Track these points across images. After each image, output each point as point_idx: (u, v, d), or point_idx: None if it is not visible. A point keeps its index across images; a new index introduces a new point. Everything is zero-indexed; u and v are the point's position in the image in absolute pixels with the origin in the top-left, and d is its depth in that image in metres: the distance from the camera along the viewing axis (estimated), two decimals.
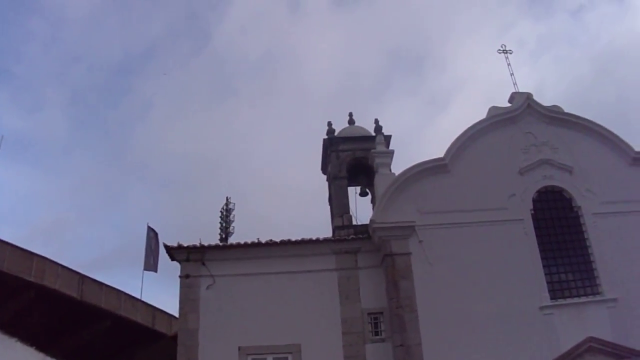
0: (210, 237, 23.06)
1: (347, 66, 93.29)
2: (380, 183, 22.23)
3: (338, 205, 24.98)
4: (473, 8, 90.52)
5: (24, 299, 28.97)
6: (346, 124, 27.44)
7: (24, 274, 28.51)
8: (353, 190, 26.20)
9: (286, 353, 19.99)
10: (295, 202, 77.60)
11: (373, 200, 25.27)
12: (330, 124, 26.72)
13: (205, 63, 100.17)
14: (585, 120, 23.75)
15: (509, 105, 24.01)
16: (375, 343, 20.26)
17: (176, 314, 22.01)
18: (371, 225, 21.25)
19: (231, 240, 24.55)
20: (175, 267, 21.20)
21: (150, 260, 36.00)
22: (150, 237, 36.76)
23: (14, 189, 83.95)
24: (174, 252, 21.07)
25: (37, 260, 29.58)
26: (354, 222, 24.42)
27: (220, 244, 22.87)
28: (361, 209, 25.55)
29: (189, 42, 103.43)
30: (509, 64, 25.02)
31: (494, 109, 23.75)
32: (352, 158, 25.74)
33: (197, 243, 21.12)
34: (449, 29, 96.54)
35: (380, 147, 23.56)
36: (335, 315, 20.48)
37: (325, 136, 26.64)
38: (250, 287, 20.78)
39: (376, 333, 20.51)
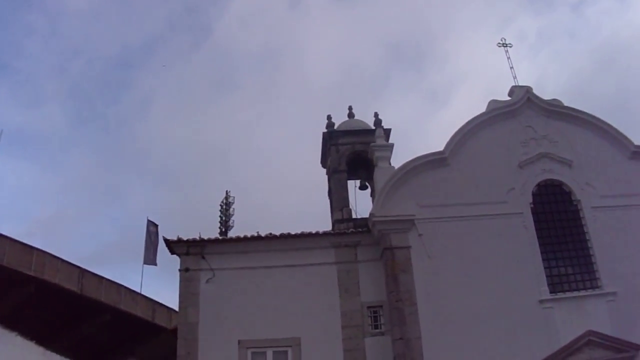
0: (210, 231, 23.09)
1: (348, 60, 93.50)
2: (379, 176, 22.22)
3: (338, 198, 24.97)
4: (473, 2, 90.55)
5: (24, 293, 28.99)
6: (346, 118, 27.43)
7: (24, 268, 28.52)
8: (353, 184, 26.23)
9: (286, 346, 19.98)
10: (295, 196, 77.73)
11: (372, 194, 25.28)
12: (329, 117, 26.71)
13: (206, 57, 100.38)
14: (584, 114, 23.72)
15: (508, 98, 23.97)
16: (375, 336, 20.26)
17: (176, 308, 22.01)
18: (371, 219, 21.24)
19: (231, 233, 24.53)
20: (175, 261, 21.22)
21: (150, 254, 36.07)
22: (150, 231, 36.82)
23: (13, 183, 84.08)
24: (173, 246, 21.04)
25: (37, 254, 29.58)
26: (354, 216, 24.41)
27: (220, 237, 22.82)
28: (361, 203, 25.56)
29: (189, 36, 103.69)
30: (508, 58, 24.96)
31: (493, 102, 23.72)
32: (352, 151, 25.72)
33: (197, 237, 21.10)
34: (450, 23, 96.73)
35: (380, 141, 23.53)
36: (334, 308, 20.48)
37: (325, 130, 26.63)
38: (250, 281, 20.78)
39: (376, 326, 20.50)
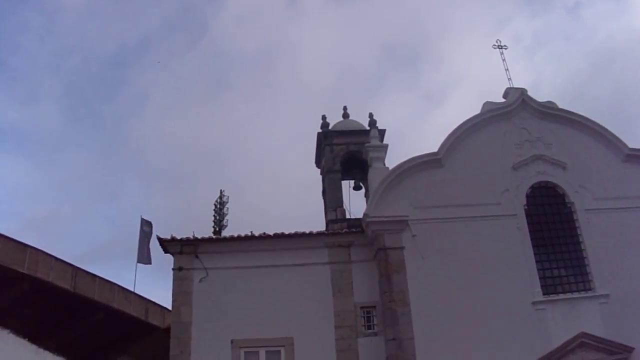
0: (204, 230, 23.12)
1: (343, 61, 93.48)
2: (374, 177, 22.23)
3: (332, 198, 24.98)
4: (470, 3, 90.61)
5: (17, 290, 28.85)
6: (341, 118, 27.44)
7: (17, 266, 28.38)
8: (347, 184, 26.24)
9: (279, 346, 19.98)
10: (289, 196, 77.62)
11: (367, 194, 25.27)
12: (324, 117, 26.71)
13: (201, 56, 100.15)
14: (579, 116, 23.76)
15: (503, 100, 23.99)
16: (368, 337, 20.27)
17: (169, 307, 21.95)
18: (364, 219, 21.25)
19: (225, 233, 24.59)
20: (168, 260, 21.21)
21: (143, 253, 36.01)
22: (144, 230, 36.76)
23: (7, 181, 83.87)
24: (167, 245, 21.03)
25: (31, 252, 29.46)
26: (348, 216, 24.43)
27: (214, 236, 22.85)
28: (355, 203, 25.69)
29: (185, 35, 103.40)
30: (503, 60, 24.99)
31: (488, 104, 23.75)
32: (346, 152, 25.74)
33: (191, 236, 21.09)
34: (446, 24, 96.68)
35: (375, 141, 23.56)
36: (328, 308, 20.48)
37: (320, 130, 26.63)
38: (243, 280, 20.77)
39: (369, 327, 20.52)
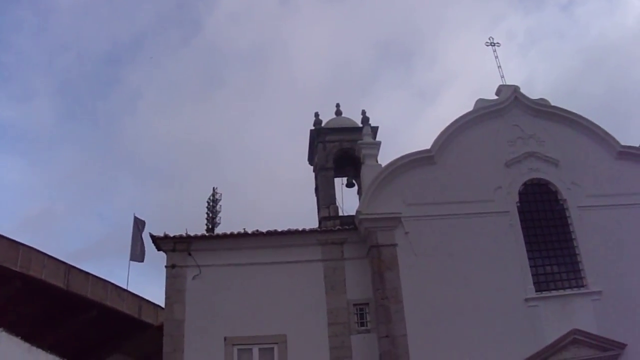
0: (197, 228, 23.09)
1: (337, 58, 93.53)
2: (366, 174, 22.21)
3: (324, 196, 24.95)
4: (463, 1, 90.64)
5: (9, 289, 28.86)
6: (333, 115, 27.42)
7: (9, 264, 28.40)
8: (339, 181, 26.20)
9: (272, 344, 19.95)
10: (282, 193, 77.64)
11: (359, 192, 25.25)
12: (317, 114, 26.64)
13: (195, 53, 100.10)
14: (572, 113, 23.81)
15: (496, 97, 24.00)
16: (361, 334, 20.29)
17: (162, 304, 21.99)
18: (357, 217, 21.24)
19: (218, 230, 24.60)
20: (161, 258, 21.17)
21: (136, 251, 35.98)
22: (137, 227, 36.72)
23: (1, 179, 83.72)
24: (160, 242, 20.98)
25: (23, 250, 29.47)
26: (340, 213, 24.38)
27: (207, 234, 22.83)
28: (347, 200, 25.59)
29: (178, 32, 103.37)
30: (496, 57, 25.04)
31: (480, 101, 23.77)
32: (339, 149, 25.69)
33: (184, 233, 21.06)
34: (439, 21, 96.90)
35: (367, 139, 23.56)
36: (321, 306, 20.49)
37: (312, 127, 26.61)
38: (236, 278, 20.74)
39: (362, 324, 20.52)
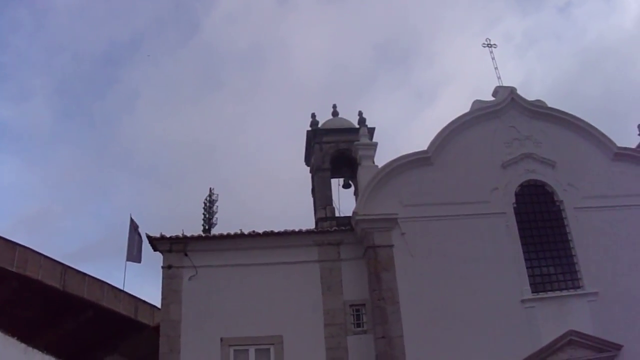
0: (194, 228, 23.08)
1: (335, 59, 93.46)
2: (363, 175, 22.20)
3: (321, 197, 24.96)
4: (461, 2, 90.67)
5: (6, 289, 28.85)
6: (330, 116, 27.41)
7: (6, 265, 28.38)
8: (336, 182, 26.21)
9: (268, 344, 19.95)
10: (278, 194, 77.60)
11: (356, 192, 25.27)
12: (313, 115, 26.65)
13: (193, 54, 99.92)
14: (568, 115, 23.82)
15: (493, 99, 24.01)
16: (357, 335, 20.28)
17: (159, 305, 21.97)
18: (354, 217, 21.22)
19: (214, 231, 24.60)
20: (158, 258, 21.16)
21: (133, 251, 35.85)
22: (134, 228, 36.65)
23: None
24: (156, 243, 20.96)
25: (20, 250, 29.44)
26: (337, 214, 24.41)
27: (203, 234, 22.84)
28: (344, 201, 25.56)
29: (176, 32, 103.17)
30: (493, 58, 24.98)
31: (477, 102, 23.77)
32: (336, 150, 25.69)
33: (180, 234, 21.02)
34: (437, 23, 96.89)
35: (364, 139, 23.51)
36: (317, 306, 20.48)
37: (309, 128, 26.61)
38: (232, 278, 20.72)
39: (358, 325, 20.52)
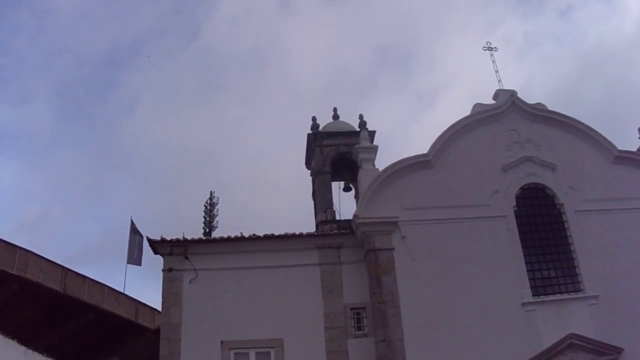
0: (194, 231, 23.05)
1: (335, 62, 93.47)
2: (363, 178, 22.22)
3: (321, 200, 24.97)
4: (461, 5, 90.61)
5: (6, 292, 28.81)
6: (331, 120, 27.42)
7: (6, 267, 28.34)
8: (337, 186, 26.26)
9: (269, 348, 19.94)
10: (279, 197, 77.50)
11: (356, 196, 25.31)
12: (314, 118, 26.70)
13: (194, 57, 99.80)
14: (568, 118, 23.84)
15: (493, 102, 24.02)
16: (358, 338, 20.28)
17: (159, 308, 21.94)
18: (354, 221, 21.23)
19: (215, 234, 24.57)
20: (158, 261, 21.16)
21: (133, 254, 35.83)
22: (134, 231, 36.62)
23: None
24: (157, 246, 20.96)
25: (20, 253, 29.41)
26: (338, 217, 24.45)
27: (204, 238, 22.77)
28: (345, 204, 25.57)
29: (177, 36, 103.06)
30: (493, 61, 25.02)
31: (478, 105, 23.78)
32: (336, 153, 25.74)
33: (181, 237, 21.01)
34: (438, 26, 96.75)
35: (364, 143, 23.51)
36: (318, 310, 20.47)
37: (310, 131, 26.62)
38: (233, 282, 20.72)
39: (359, 328, 20.51)
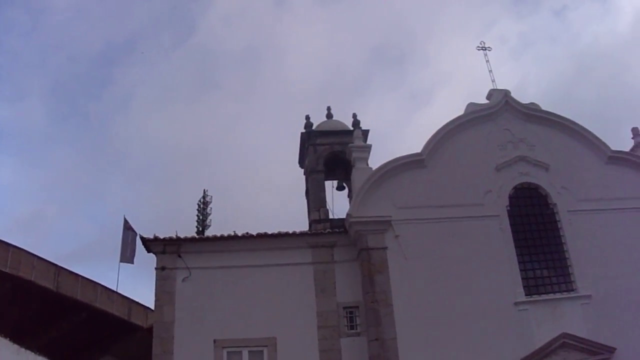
0: (187, 230, 23.03)
1: (330, 61, 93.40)
2: (357, 177, 22.17)
3: (315, 199, 24.98)
4: (456, 5, 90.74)
5: None
6: (325, 118, 27.42)
7: None
8: (330, 184, 26.30)
9: (261, 346, 19.92)
10: (272, 196, 77.53)
11: (350, 195, 25.29)
12: (308, 117, 26.71)
13: (188, 55, 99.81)
14: (562, 118, 23.87)
15: (487, 102, 24.04)
16: (351, 337, 20.26)
17: (152, 307, 21.91)
18: (347, 220, 21.22)
19: (208, 233, 24.57)
20: (151, 260, 21.11)
21: (126, 252, 35.81)
22: (127, 229, 36.59)
23: None
24: (150, 244, 20.91)
25: (13, 251, 29.35)
26: (331, 216, 24.49)
27: (197, 236, 22.77)
28: (338, 203, 25.63)
29: (172, 33, 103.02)
30: (487, 61, 25.01)
31: (471, 105, 23.79)
32: (330, 152, 25.78)
33: (174, 235, 20.96)
34: (432, 25, 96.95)
35: (358, 142, 23.46)
36: (310, 308, 20.46)
37: (303, 130, 26.61)
38: (226, 280, 20.69)
39: (351, 327, 20.49)
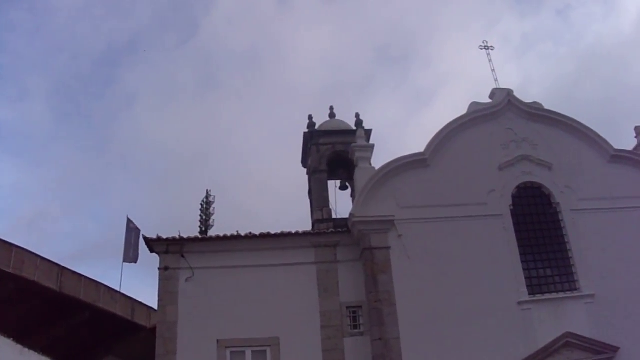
0: (190, 230, 22.98)
1: (332, 61, 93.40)
2: (360, 177, 22.18)
3: (318, 198, 24.98)
4: (459, 5, 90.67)
5: (2, 290, 28.72)
6: (327, 118, 27.43)
7: (2, 266, 28.20)
8: (333, 184, 26.30)
9: (265, 346, 19.92)
10: (275, 196, 77.52)
11: (353, 194, 25.31)
12: (310, 117, 26.73)
13: (191, 55, 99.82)
14: (565, 117, 23.85)
15: (490, 101, 24.02)
16: (354, 337, 20.26)
17: (155, 307, 21.92)
18: (351, 219, 21.21)
19: (211, 233, 24.53)
20: (154, 260, 21.11)
21: (129, 252, 35.85)
22: (130, 229, 36.62)
23: None
24: (153, 244, 20.91)
25: (17, 251, 29.30)
26: (334, 216, 24.49)
27: (200, 236, 22.72)
28: (341, 203, 25.71)
29: (174, 33, 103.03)
30: (490, 60, 25.00)
31: (474, 104, 23.77)
32: (333, 152, 25.78)
33: (177, 235, 20.97)
34: (435, 25, 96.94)
35: (361, 141, 23.46)
36: (314, 308, 20.46)
37: (306, 130, 26.62)
38: (229, 280, 20.68)
39: (355, 327, 20.48)
